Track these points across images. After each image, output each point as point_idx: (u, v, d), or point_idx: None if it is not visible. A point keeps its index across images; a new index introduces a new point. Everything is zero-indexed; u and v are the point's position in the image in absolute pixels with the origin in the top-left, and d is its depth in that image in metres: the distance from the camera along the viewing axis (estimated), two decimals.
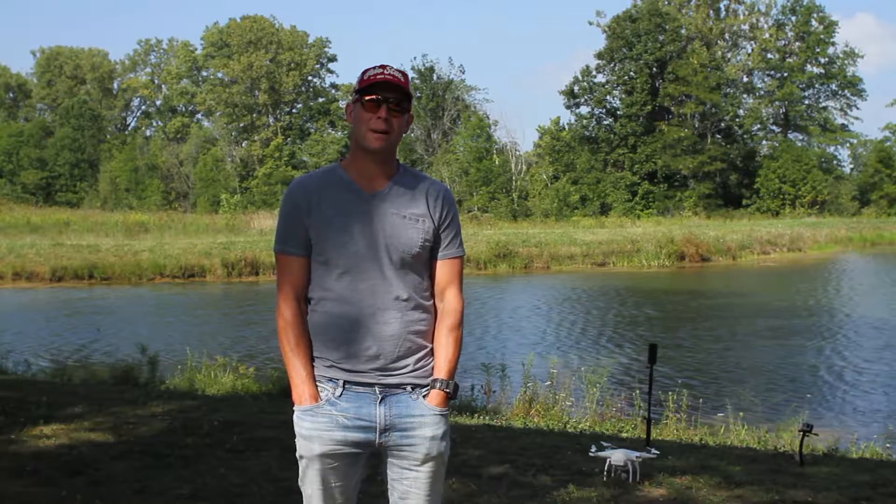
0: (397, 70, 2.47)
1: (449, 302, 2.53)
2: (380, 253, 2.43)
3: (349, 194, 2.47)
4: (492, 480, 4.96)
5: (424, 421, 2.47)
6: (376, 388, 2.44)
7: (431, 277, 2.54)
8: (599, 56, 59.55)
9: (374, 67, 2.47)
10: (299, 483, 2.53)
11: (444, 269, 2.54)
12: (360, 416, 2.44)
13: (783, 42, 61.03)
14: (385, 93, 2.43)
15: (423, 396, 2.48)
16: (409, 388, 2.47)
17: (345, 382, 2.44)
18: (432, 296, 2.54)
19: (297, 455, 2.51)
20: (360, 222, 2.44)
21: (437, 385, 2.47)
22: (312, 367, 2.48)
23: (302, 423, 2.47)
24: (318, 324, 2.48)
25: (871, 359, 13.65)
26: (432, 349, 2.52)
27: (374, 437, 2.44)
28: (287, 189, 2.55)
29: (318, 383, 2.47)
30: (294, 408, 2.50)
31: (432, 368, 2.51)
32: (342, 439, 2.43)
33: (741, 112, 60.41)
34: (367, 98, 2.44)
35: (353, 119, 2.50)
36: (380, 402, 2.44)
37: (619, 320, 18.44)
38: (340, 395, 2.44)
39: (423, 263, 2.49)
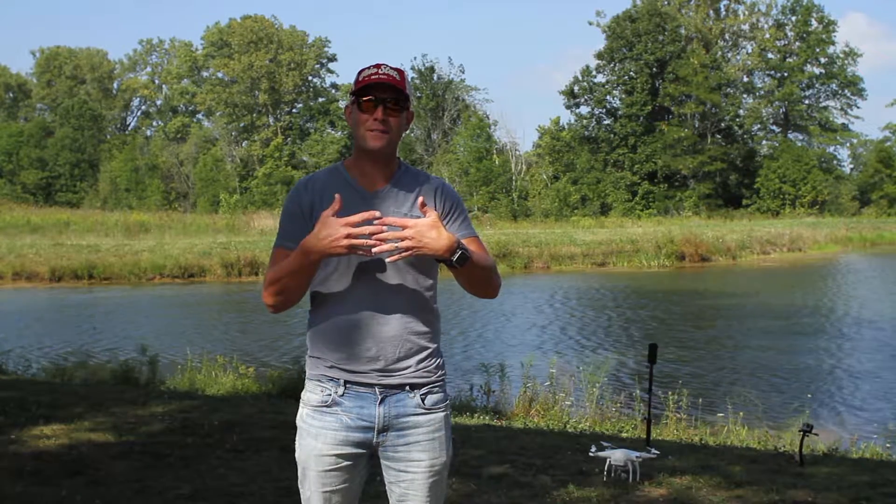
0: (393, 68, 2.43)
1: None
2: (383, 254, 2.38)
3: (350, 193, 2.44)
4: (492, 480, 4.97)
5: (419, 421, 2.45)
6: (377, 389, 2.42)
7: (434, 277, 2.52)
8: (599, 56, 59.60)
9: (369, 67, 2.43)
10: (299, 485, 2.51)
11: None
12: (362, 416, 2.42)
13: (783, 42, 61.04)
14: (381, 93, 2.39)
15: (422, 398, 2.46)
16: (407, 387, 2.44)
17: (346, 382, 2.42)
18: (436, 297, 2.52)
19: (297, 456, 2.48)
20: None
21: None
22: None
23: (311, 422, 2.44)
24: (317, 324, 2.46)
25: (872, 359, 13.65)
26: (435, 350, 2.50)
27: (372, 436, 2.43)
28: (292, 188, 2.52)
29: (319, 383, 2.44)
30: (301, 407, 2.48)
31: (434, 368, 2.49)
32: (344, 439, 2.42)
33: (741, 112, 60.45)
34: (363, 99, 2.40)
35: (351, 121, 2.47)
36: (380, 403, 2.42)
37: (618, 320, 18.44)
38: (343, 395, 2.42)
39: (425, 262, 2.45)
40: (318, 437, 2.42)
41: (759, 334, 16.30)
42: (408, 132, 64.60)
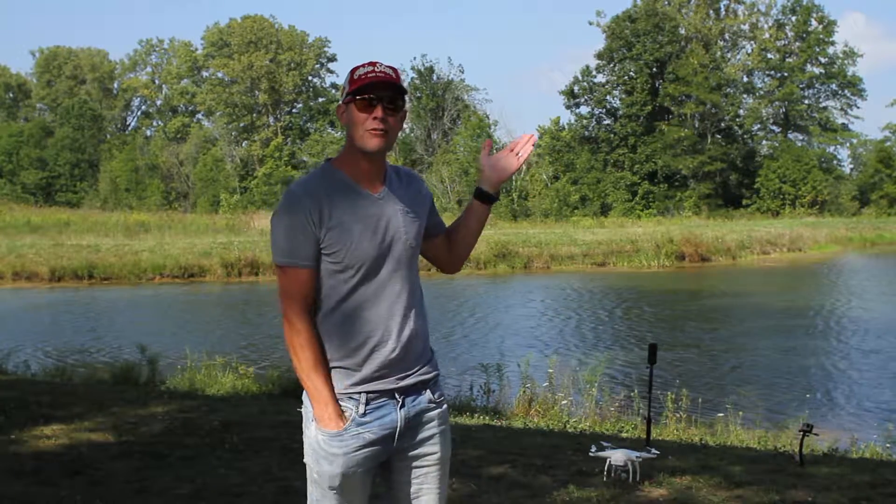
0: (388, 66, 2.38)
1: None
2: (395, 254, 2.39)
3: (357, 197, 2.39)
4: (492, 480, 4.96)
5: (432, 416, 2.47)
6: (396, 394, 2.41)
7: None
8: (599, 56, 59.63)
9: (363, 65, 2.37)
10: None
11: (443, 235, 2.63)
12: (384, 425, 2.39)
13: (783, 42, 61.02)
14: (379, 92, 2.33)
15: (432, 392, 2.48)
16: (419, 385, 2.46)
17: (367, 398, 2.38)
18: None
19: (317, 477, 2.40)
20: (374, 225, 2.37)
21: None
22: (331, 384, 2.37)
23: (335, 444, 2.35)
24: (337, 333, 2.38)
25: (871, 359, 13.64)
26: (429, 348, 2.54)
27: (392, 443, 2.42)
28: (288, 196, 2.37)
29: (339, 402, 2.38)
30: (319, 433, 2.37)
31: (435, 363, 2.52)
32: (370, 453, 2.39)
33: (741, 112, 60.41)
34: (360, 98, 2.34)
35: (346, 120, 2.40)
36: (401, 407, 2.41)
37: (618, 320, 18.43)
38: (364, 413, 2.37)
39: (417, 260, 2.50)
40: (346, 458, 2.36)
41: (759, 334, 16.29)
42: (408, 132, 64.43)
